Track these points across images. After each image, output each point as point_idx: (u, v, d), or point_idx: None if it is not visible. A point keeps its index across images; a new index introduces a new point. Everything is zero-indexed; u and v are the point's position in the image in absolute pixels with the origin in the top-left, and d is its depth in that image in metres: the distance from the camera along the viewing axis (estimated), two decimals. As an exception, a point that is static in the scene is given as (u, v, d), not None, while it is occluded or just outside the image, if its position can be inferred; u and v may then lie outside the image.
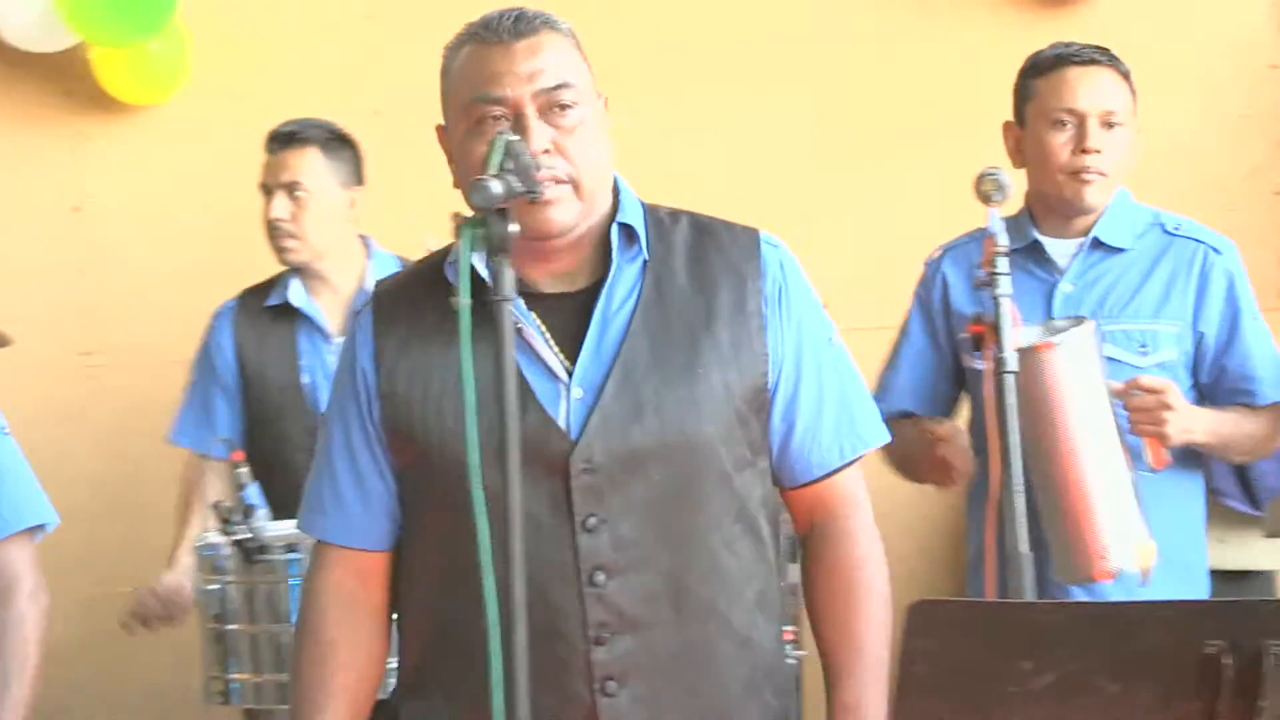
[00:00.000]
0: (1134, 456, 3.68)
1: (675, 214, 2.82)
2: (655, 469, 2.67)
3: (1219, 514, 4.71)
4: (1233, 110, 5.39)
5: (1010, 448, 3.32)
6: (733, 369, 2.72)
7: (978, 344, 3.45)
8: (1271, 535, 4.42)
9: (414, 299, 2.78)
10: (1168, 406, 3.69)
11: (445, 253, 2.78)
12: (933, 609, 2.16)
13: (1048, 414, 3.57)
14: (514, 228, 2.43)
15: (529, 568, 2.57)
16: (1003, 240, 3.48)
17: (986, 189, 3.61)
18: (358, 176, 4.67)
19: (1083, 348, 3.58)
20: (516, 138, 2.51)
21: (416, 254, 4.58)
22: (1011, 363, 3.39)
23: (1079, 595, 3.67)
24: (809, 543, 2.85)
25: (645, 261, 2.75)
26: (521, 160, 2.47)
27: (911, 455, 3.89)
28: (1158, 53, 5.34)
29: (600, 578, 2.65)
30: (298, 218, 4.58)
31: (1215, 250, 3.92)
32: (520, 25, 2.67)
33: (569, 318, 2.71)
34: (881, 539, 2.86)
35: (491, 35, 2.67)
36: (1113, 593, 3.64)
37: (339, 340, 4.58)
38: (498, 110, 2.64)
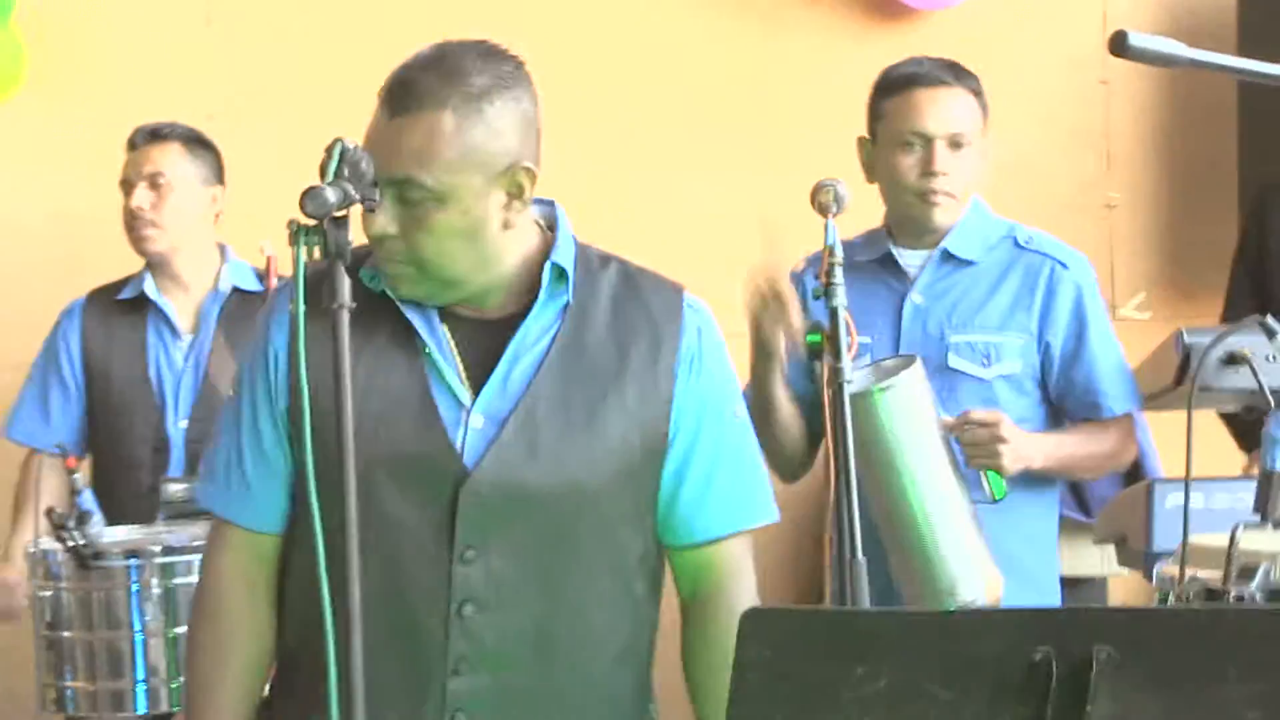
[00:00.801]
0: (972, 488, 3.71)
1: (606, 259, 2.80)
2: (540, 511, 2.67)
3: (1052, 522, 4.79)
4: (1065, 125, 5.47)
5: (847, 458, 3.34)
6: (634, 423, 2.71)
7: (815, 355, 3.47)
8: (1102, 542, 4.48)
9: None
10: (1000, 439, 3.72)
11: (367, 252, 2.73)
12: (766, 617, 2.17)
13: (883, 457, 3.59)
14: (350, 236, 2.44)
15: (402, 589, 2.58)
16: (839, 252, 3.51)
17: (824, 200, 3.63)
18: (218, 177, 4.72)
19: (912, 388, 3.61)
20: (354, 145, 2.49)
21: (254, 259, 4.60)
22: (848, 373, 3.41)
23: None
24: (690, 609, 2.86)
25: (568, 303, 2.73)
26: (359, 168, 2.46)
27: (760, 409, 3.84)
28: (992, 68, 5.37)
29: (469, 609, 2.64)
30: (158, 207, 4.63)
31: (1062, 265, 3.96)
32: (403, 100, 2.60)
33: (483, 344, 2.69)
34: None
35: (382, 95, 2.63)
36: None
37: (189, 337, 4.61)
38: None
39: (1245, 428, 4.40)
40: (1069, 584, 4.75)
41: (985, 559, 3.63)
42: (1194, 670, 2.20)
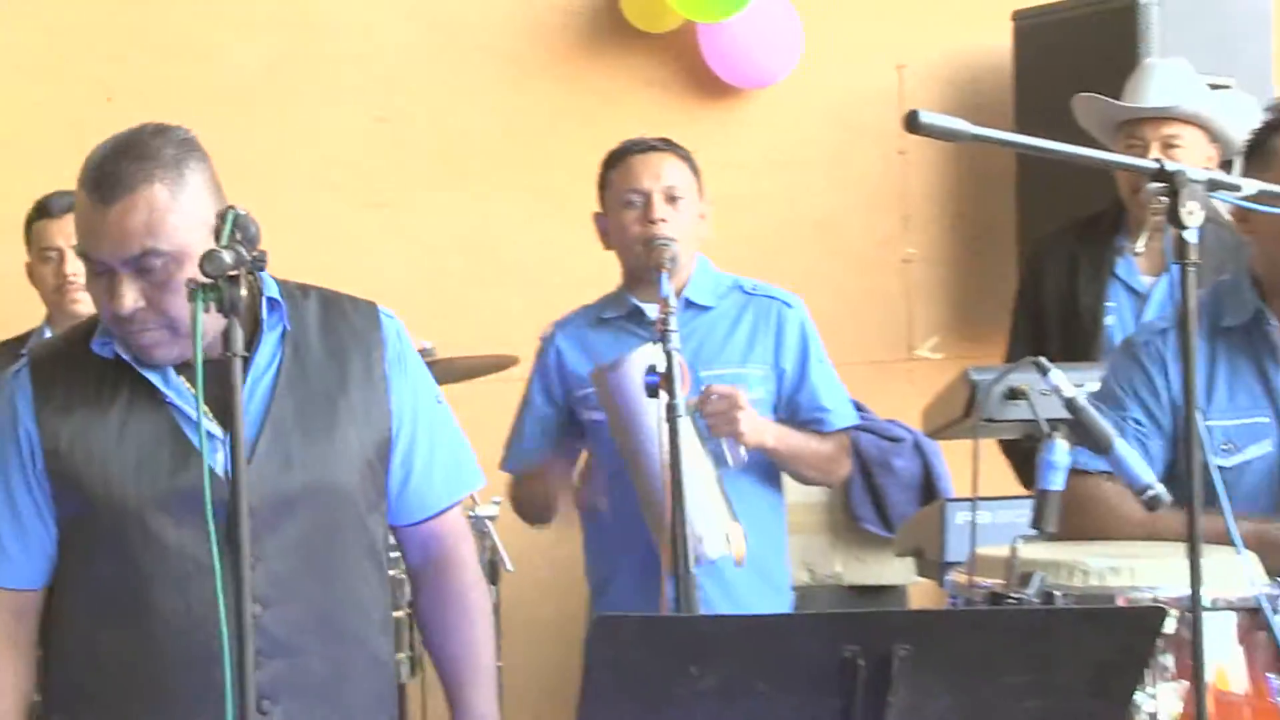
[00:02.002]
0: (717, 458, 3.79)
1: (304, 289, 2.82)
2: (303, 513, 2.70)
3: (859, 536, 4.86)
4: (868, 190, 5.55)
5: (679, 483, 3.38)
6: (365, 426, 2.77)
7: (653, 392, 3.51)
8: (902, 554, 4.55)
9: (71, 364, 2.74)
10: (738, 407, 3.78)
11: (91, 327, 2.75)
12: (613, 623, 2.21)
13: (631, 427, 3.66)
14: (244, 291, 2.44)
15: (193, 604, 2.60)
16: (673, 302, 3.56)
17: (659, 258, 3.70)
18: None
19: (646, 365, 3.64)
20: (245, 212, 2.50)
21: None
22: (682, 409, 3.46)
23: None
24: (423, 573, 2.92)
25: (285, 331, 2.75)
26: (249, 232, 2.48)
27: (532, 500, 4.04)
28: (805, 140, 5.50)
29: (257, 609, 2.60)
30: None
31: (788, 305, 4.03)
32: (114, 189, 2.57)
33: (218, 382, 2.55)
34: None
35: (90, 191, 2.59)
36: (706, 574, 3.72)
37: None
38: (98, 266, 2.62)
39: (1022, 456, 4.49)
40: (875, 591, 4.84)
41: (727, 518, 3.70)
42: (980, 663, 2.26)
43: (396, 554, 3.09)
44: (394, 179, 5.39)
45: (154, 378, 2.69)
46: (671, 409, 3.44)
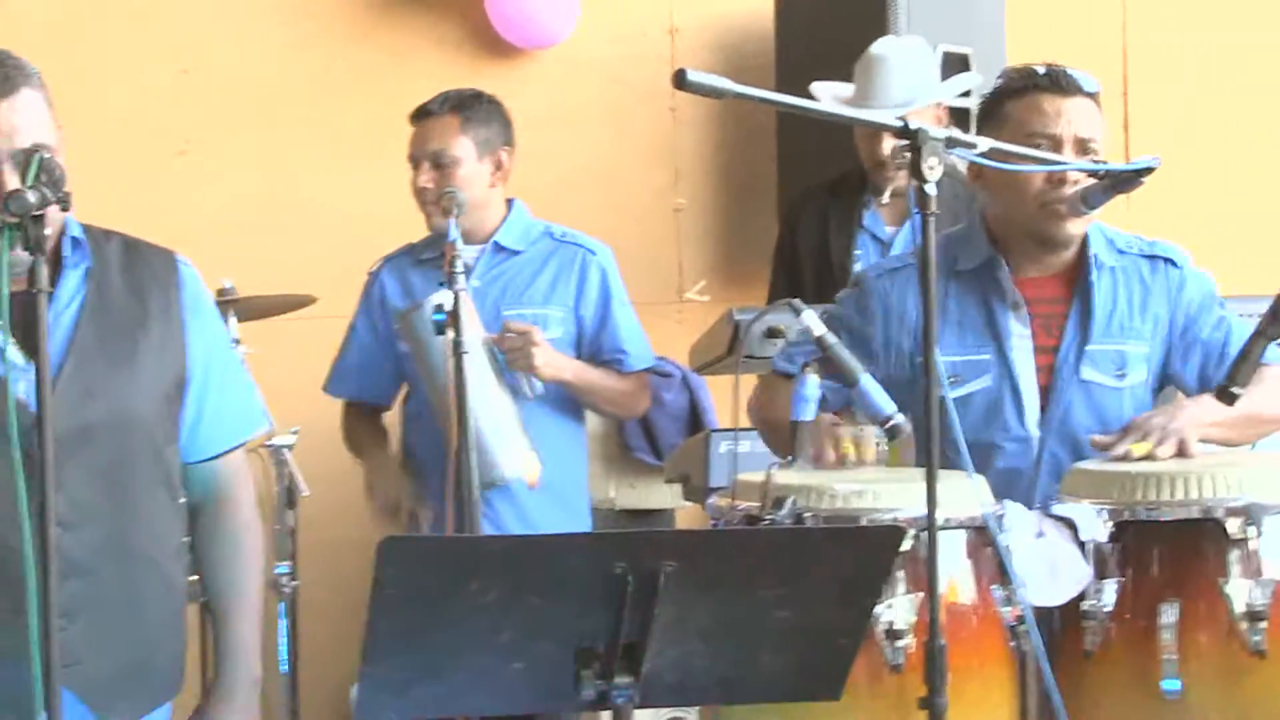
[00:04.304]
0: (515, 390, 3.80)
1: (107, 233, 2.78)
2: (102, 441, 2.66)
3: (631, 464, 4.90)
4: (641, 144, 5.57)
5: (464, 413, 3.37)
6: (162, 361, 2.73)
7: (441, 329, 3.50)
8: (669, 481, 4.60)
9: None
10: (534, 343, 3.82)
11: None
12: (401, 543, 2.20)
13: (432, 362, 3.66)
14: (49, 230, 2.39)
15: (2, 524, 2.50)
16: (459, 246, 3.54)
17: (446, 204, 3.67)
18: None
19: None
20: (50, 155, 2.44)
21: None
22: (468, 345, 3.45)
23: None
24: (203, 508, 2.87)
25: (89, 269, 2.70)
26: (55, 174, 2.42)
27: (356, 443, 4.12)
28: (583, 98, 5.49)
29: (57, 531, 2.53)
30: None
31: (591, 252, 4.06)
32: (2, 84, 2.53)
33: (23, 312, 2.53)
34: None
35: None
36: (501, 498, 3.80)
37: None
38: None
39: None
40: (645, 514, 4.88)
41: (525, 446, 3.73)
42: (739, 578, 2.29)
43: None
44: (197, 128, 5.29)
45: None
46: (458, 345, 3.44)
